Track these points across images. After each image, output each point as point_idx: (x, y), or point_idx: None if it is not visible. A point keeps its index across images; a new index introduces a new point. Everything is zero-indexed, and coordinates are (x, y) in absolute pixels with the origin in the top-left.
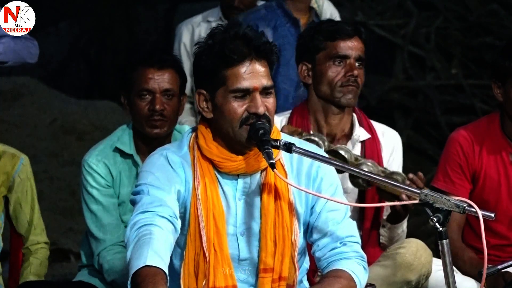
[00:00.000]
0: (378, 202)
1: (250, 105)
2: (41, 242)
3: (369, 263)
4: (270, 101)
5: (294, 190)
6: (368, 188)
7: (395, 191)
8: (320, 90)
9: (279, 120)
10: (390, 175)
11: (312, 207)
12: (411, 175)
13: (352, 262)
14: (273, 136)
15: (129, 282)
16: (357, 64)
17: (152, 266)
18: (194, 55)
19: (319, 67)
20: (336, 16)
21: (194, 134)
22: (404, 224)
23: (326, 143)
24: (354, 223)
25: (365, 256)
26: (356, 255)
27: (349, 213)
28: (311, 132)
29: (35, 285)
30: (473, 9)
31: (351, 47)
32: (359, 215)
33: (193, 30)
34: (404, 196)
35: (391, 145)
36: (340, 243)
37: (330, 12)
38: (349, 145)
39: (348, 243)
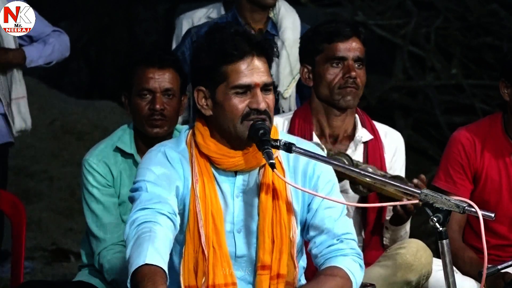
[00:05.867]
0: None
1: (251, 101)
2: None
3: (371, 265)
4: (270, 97)
5: (291, 187)
6: (369, 194)
7: (396, 196)
8: (320, 92)
9: (282, 122)
10: (391, 179)
11: (309, 205)
12: (415, 181)
13: (349, 259)
14: (271, 134)
15: (128, 280)
16: (356, 65)
17: (151, 264)
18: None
19: (318, 70)
20: (296, 21)
21: (191, 131)
22: (407, 225)
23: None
24: (350, 220)
25: (361, 253)
26: (353, 252)
27: (346, 211)
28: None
29: (35, 285)
30: (473, 9)
31: (348, 48)
32: (361, 218)
33: (193, 25)
34: (405, 201)
35: (394, 146)
36: (337, 240)
37: (289, 18)
38: (351, 145)
39: (345, 240)
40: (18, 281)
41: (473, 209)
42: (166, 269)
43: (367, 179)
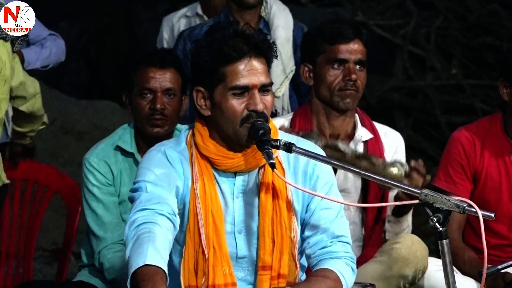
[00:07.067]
0: (380, 198)
1: (249, 102)
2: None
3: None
4: (268, 98)
5: (291, 187)
6: (369, 191)
7: (397, 178)
8: (320, 93)
9: (282, 122)
10: (391, 165)
11: (308, 205)
12: (413, 163)
13: (341, 262)
14: (271, 134)
15: (128, 281)
16: (357, 67)
17: (151, 265)
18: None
19: (319, 70)
20: (289, 19)
21: (191, 131)
22: (409, 218)
23: (322, 141)
24: (346, 223)
25: (354, 257)
26: (346, 255)
27: (343, 212)
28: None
29: (35, 285)
30: (473, 9)
31: (350, 50)
32: (361, 212)
33: (173, 26)
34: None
35: (394, 145)
36: (331, 242)
37: (280, 16)
38: (351, 145)
39: (339, 242)
40: (61, 277)
41: (473, 209)
42: (166, 269)
43: (365, 177)
